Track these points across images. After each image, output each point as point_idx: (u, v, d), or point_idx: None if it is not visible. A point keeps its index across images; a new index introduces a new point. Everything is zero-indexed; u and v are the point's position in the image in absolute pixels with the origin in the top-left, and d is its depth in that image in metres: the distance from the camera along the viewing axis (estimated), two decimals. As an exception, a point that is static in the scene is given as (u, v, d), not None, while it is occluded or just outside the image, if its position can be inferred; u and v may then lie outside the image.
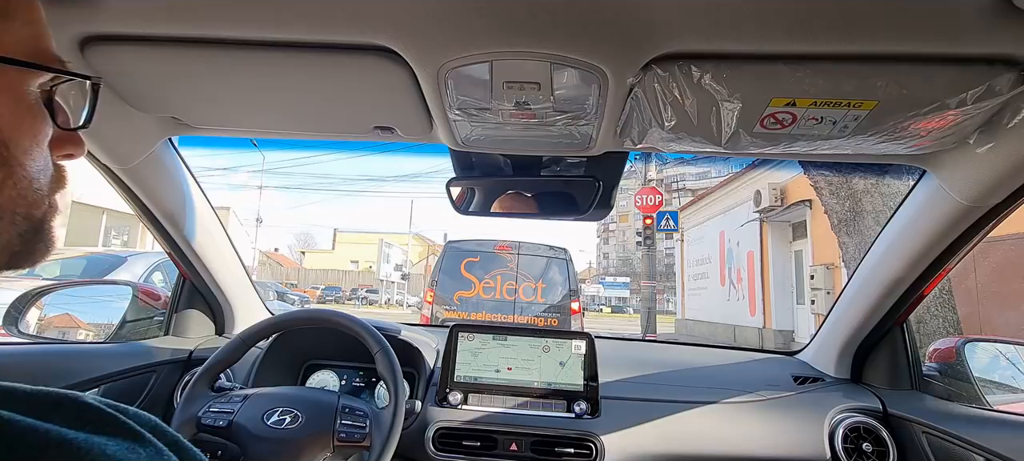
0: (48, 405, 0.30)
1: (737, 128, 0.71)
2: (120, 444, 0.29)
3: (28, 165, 0.32)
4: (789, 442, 1.11)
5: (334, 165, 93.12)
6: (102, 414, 0.31)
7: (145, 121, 0.92)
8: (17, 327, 1.23)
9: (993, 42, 0.56)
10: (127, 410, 0.33)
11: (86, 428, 0.29)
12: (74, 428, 0.28)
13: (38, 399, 0.30)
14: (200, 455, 0.35)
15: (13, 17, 0.32)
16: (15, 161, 0.31)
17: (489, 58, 0.64)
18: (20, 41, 0.32)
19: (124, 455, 0.29)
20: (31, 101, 0.33)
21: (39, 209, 0.34)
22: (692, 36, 0.59)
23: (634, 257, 32.15)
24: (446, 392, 1.17)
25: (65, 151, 0.37)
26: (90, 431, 0.29)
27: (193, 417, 0.88)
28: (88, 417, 0.30)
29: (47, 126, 0.34)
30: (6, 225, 0.32)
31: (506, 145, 0.92)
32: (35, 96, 0.33)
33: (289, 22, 0.61)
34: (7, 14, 0.31)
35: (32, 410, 0.28)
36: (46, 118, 0.34)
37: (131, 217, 6.31)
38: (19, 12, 0.32)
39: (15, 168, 0.31)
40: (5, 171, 0.31)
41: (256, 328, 1.02)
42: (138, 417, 0.33)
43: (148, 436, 0.32)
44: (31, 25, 0.33)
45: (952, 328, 3.14)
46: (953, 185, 0.86)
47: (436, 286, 5.44)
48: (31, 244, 0.34)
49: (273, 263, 29.92)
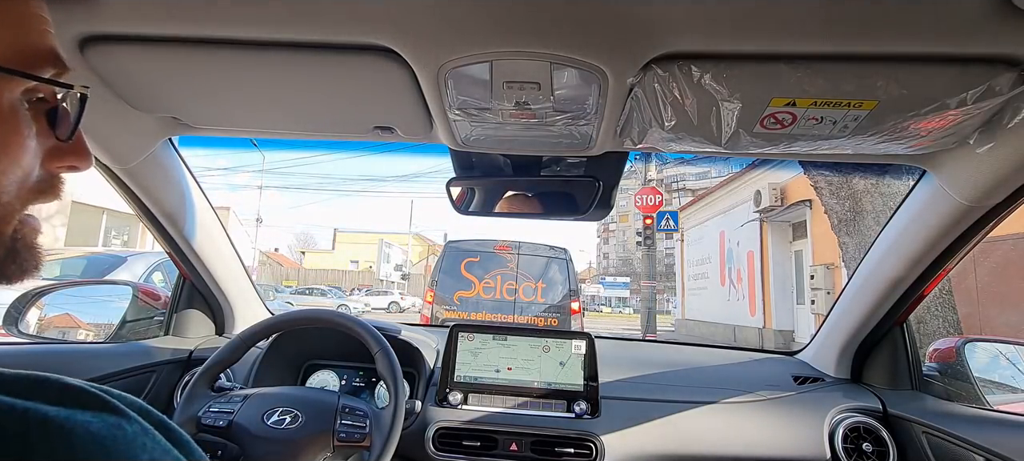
0: (28, 385, 0.28)
1: (737, 128, 0.71)
2: (105, 420, 0.28)
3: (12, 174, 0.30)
4: (789, 442, 1.11)
5: (334, 165, 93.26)
6: (85, 393, 0.29)
7: (145, 121, 0.92)
8: (17, 327, 1.23)
9: (993, 42, 0.56)
10: (111, 390, 0.31)
11: (67, 404, 0.27)
12: (56, 406, 0.27)
13: (20, 381, 0.28)
14: (185, 435, 0.33)
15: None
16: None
17: (489, 58, 0.64)
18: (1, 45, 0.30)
19: (109, 431, 0.27)
20: (16, 111, 0.31)
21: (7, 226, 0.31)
22: (692, 36, 0.59)
23: (634, 257, 32.15)
24: (446, 392, 1.17)
25: (67, 163, 0.35)
26: (72, 407, 0.27)
27: (193, 417, 0.88)
28: (70, 395, 0.29)
29: (29, 135, 0.32)
30: None
31: (506, 145, 0.92)
32: (17, 105, 0.31)
33: (289, 22, 0.61)
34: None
35: (14, 391, 0.26)
36: (24, 127, 0.31)
37: (131, 217, 6.32)
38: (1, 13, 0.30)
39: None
40: None
41: (256, 328, 1.02)
42: (122, 398, 0.31)
43: (133, 415, 0.30)
44: (15, 27, 0.31)
45: (952, 328, 3.14)
46: (953, 185, 0.86)
47: (436, 286, 5.44)
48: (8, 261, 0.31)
49: (273, 263, 29.89)
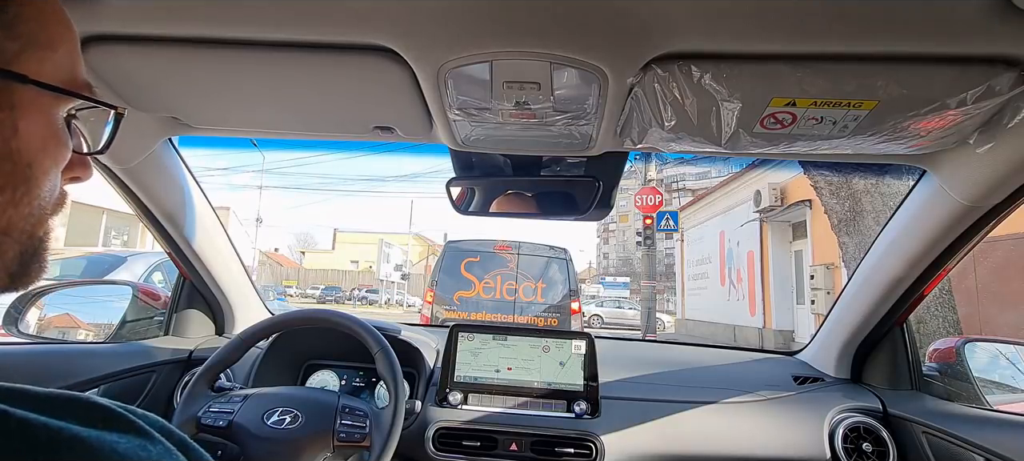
0: (60, 404, 0.30)
1: (737, 128, 0.70)
2: (131, 442, 0.30)
3: (44, 186, 0.34)
4: (789, 442, 1.11)
5: (334, 165, 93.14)
6: (113, 413, 0.32)
7: (145, 121, 0.92)
8: (17, 327, 1.23)
9: (993, 42, 0.56)
10: (135, 411, 0.34)
11: (97, 425, 0.30)
12: (86, 426, 0.29)
13: (51, 399, 0.31)
14: (206, 456, 0.36)
15: (57, 48, 0.34)
16: (34, 181, 0.33)
17: (489, 58, 0.64)
18: (59, 70, 0.34)
19: (135, 452, 0.30)
20: (58, 126, 0.35)
21: (41, 229, 0.35)
22: (692, 36, 0.59)
23: (634, 257, 32.15)
24: (446, 392, 1.17)
25: (73, 174, 0.38)
26: (101, 429, 0.30)
27: (193, 417, 0.88)
28: (99, 416, 0.31)
29: (68, 151, 0.36)
30: (12, 242, 0.33)
31: (506, 145, 0.92)
32: (61, 121, 0.35)
33: (289, 22, 0.61)
34: (52, 45, 0.34)
35: (45, 409, 0.28)
36: (68, 143, 0.36)
37: (131, 217, 6.31)
38: (62, 44, 0.35)
39: (32, 187, 0.33)
40: (25, 188, 0.32)
41: (256, 328, 1.02)
42: (146, 417, 0.34)
43: (157, 435, 0.32)
44: (70, 56, 0.35)
45: (952, 328, 3.14)
46: (953, 185, 0.86)
47: (436, 286, 5.44)
48: (28, 265, 0.34)
49: (273, 263, 29.88)
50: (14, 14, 0.32)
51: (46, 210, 0.35)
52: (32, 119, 0.32)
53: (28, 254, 0.34)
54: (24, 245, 0.34)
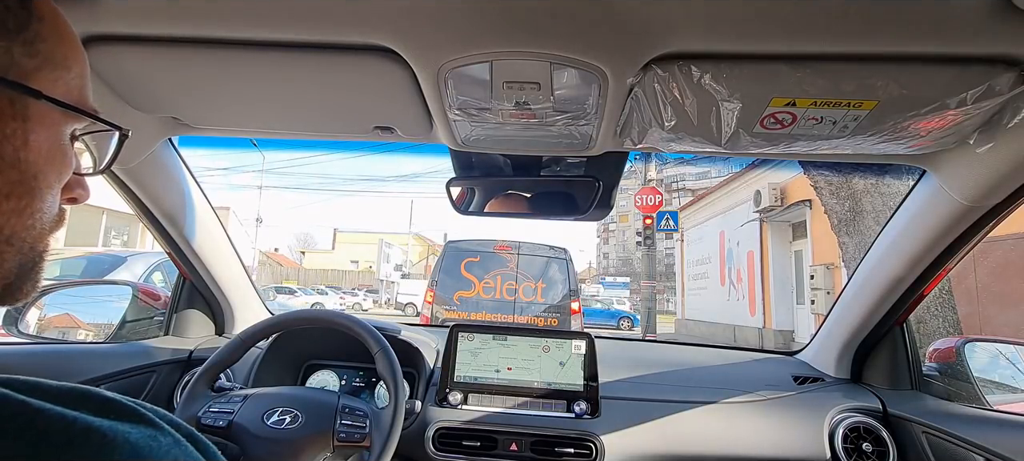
0: (74, 397, 0.32)
1: (737, 128, 0.71)
2: (143, 432, 0.32)
3: (47, 198, 0.35)
4: (789, 442, 1.11)
5: (334, 165, 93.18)
6: (124, 406, 0.34)
7: (145, 121, 0.92)
8: (17, 327, 1.23)
9: (993, 42, 0.56)
10: (144, 404, 0.36)
11: (110, 416, 0.31)
12: (99, 416, 0.31)
13: (64, 392, 0.32)
14: (213, 448, 0.37)
15: (70, 68, 0.36)
16: (38, 192, 0.34)
17: (489, 58, 0.64)
18: (70, 90, 0.36)
19: (146, 442, 0.31)
20: (64, 143, 0.36)
21: (41, 244, 0.36)
22: (692, 36, 0.59)
23: (634, 257, 32.12)
24: (446, 392, 1.17)
25: (72, 194, 0.40)
26: (114, 419, 0.31)
27: (193, 417, 0.88)
28: (111, 407, 0.33)
29: (70, 167, 0.38)
30: (14, 251, 0.34)
31: (506, 145, 0.92)
32: (67, 139, 0.37)
33: (289, 22, 0.61)
34: (66, 66, 0.36)
35: (60, 401, 0.30)
36: (72, 161, 0.38)
37: (131, 217, 6.31)
38: (75, 65, 0.37)
39: (36, 198, 0.34)
40: (29, 199, 0.34)
41: (256, 328, 1.02)
42: (155, 411, 0.36)
43: (166, 427, 0.34)
44: (80, 78, 0.37)
45: (952, 328, 3.14)
46: (953, 185, 0.86)
47: (436, 286, 5.44)
48: (23, 279, 0.36)
49: (273, 263, 29.85)
50: (34, 33, 0.33)
51: (46, 226, 0.36)
52: (41, 133, 0.34)
53: (26, 267, 0.35)
54: (24, 257, 0.35)
